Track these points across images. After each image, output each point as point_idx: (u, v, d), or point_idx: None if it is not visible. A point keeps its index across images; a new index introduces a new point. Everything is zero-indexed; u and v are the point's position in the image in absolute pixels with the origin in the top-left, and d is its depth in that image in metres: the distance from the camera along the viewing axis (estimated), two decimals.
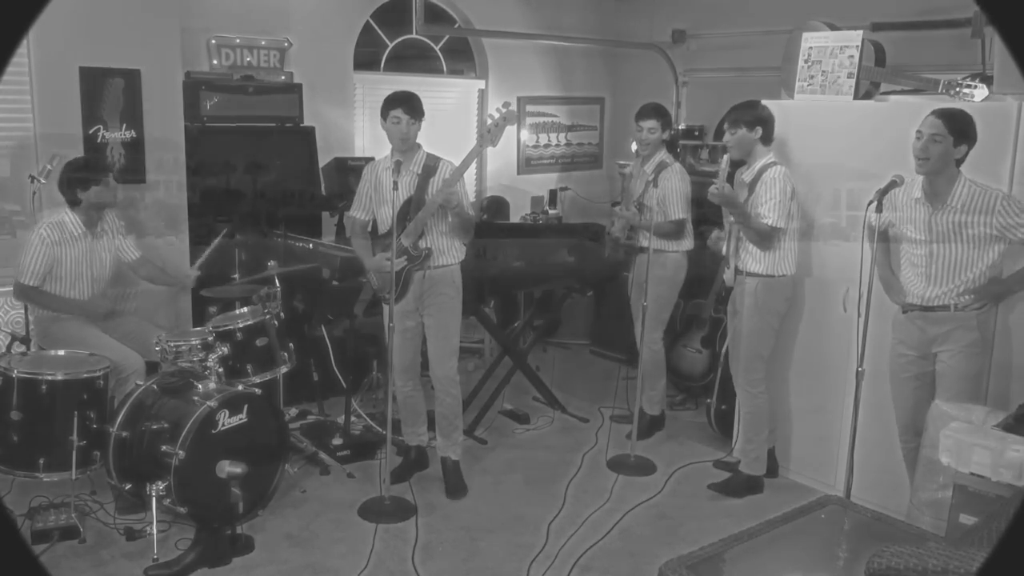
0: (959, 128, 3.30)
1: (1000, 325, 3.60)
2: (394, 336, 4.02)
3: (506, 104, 3.95)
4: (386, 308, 4.02)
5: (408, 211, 3.97)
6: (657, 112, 4.82)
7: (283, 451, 3.94)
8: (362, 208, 4.16)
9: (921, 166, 3.36)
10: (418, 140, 4.04)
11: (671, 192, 4.68)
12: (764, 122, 4.07)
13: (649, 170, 4.71)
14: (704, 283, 5.04)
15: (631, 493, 4.24)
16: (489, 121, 3.95)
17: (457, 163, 3.96)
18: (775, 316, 4.14)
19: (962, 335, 3.45)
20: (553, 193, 7.51)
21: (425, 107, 4.02)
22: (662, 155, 4.76)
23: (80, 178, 4.00)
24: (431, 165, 4.02)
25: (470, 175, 6.85)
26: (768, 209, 3.97)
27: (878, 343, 3.64)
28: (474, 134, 7.09)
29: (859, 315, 3.36)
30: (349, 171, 5.66)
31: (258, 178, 5.20)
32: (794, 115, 4.22)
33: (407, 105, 3.93)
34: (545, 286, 5.59)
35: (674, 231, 4.74)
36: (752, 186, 4.06)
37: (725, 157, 4.13)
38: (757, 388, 4.21)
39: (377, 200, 4.09)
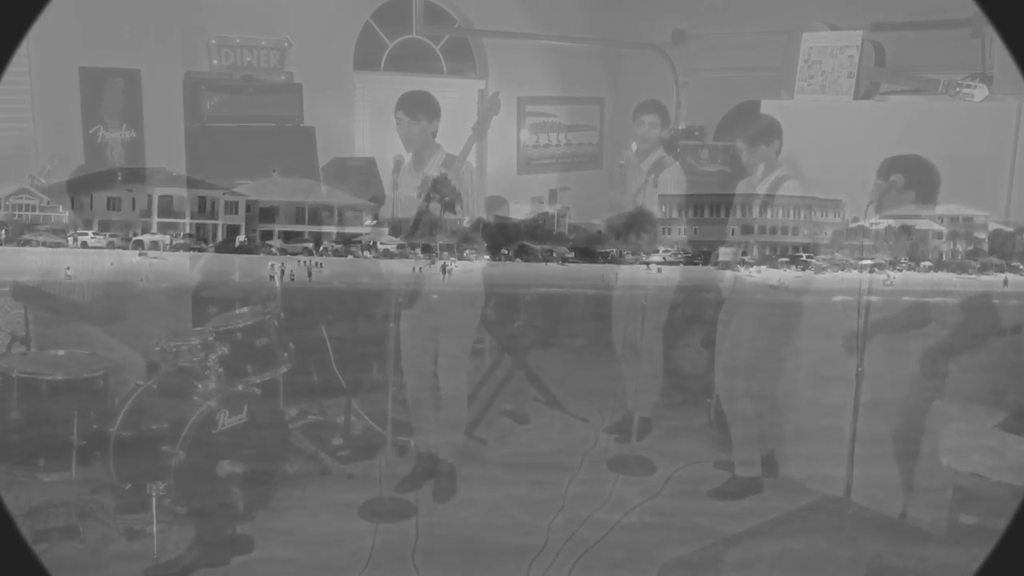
0: None
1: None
2: (404, 338, 4.02)
3: (494, 94, 3.97)
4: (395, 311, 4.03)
5: (424, 215, 3.95)
6: (656, 107, 4.81)
7: (283, 451, 3.94)
8: None
9: None
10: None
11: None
12: (780, 134, 4.02)
13: (646, 168, 4.70)
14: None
15: (631, 493, 4.24)
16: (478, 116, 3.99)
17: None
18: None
19: None
20: (553, 193, 7.50)
21: None
22: (659, 153, 4.75)
23: None
24: (448, 166, 4.01)
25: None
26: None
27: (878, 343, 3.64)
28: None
29: (858, 315, 3.36)
30: (349, 171, 5.66)
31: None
32: (794, 115, 4.21)
33: (405, 106, 3.94)
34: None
35: None
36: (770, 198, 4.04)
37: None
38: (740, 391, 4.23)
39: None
